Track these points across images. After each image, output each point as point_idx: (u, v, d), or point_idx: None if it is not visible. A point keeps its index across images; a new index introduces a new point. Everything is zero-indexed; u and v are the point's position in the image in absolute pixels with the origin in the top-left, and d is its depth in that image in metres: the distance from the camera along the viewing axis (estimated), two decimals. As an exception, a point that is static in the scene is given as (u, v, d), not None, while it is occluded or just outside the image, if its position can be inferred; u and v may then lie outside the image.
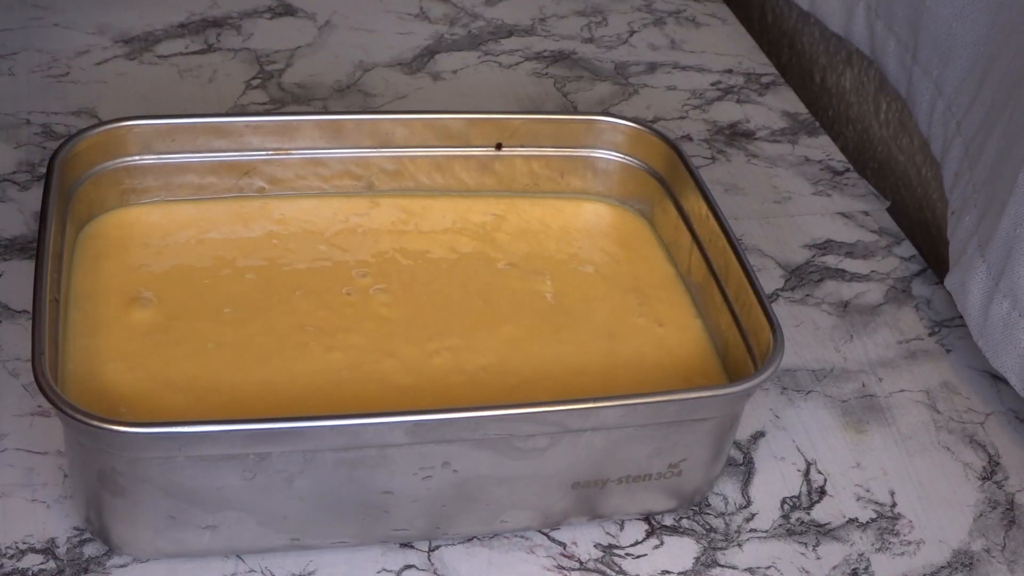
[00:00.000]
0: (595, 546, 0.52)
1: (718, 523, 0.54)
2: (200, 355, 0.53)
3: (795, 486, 0.56)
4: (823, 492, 0.56)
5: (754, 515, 0.54)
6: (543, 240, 0.61)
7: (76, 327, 0.53)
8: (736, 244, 0.56)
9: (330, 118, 0.60)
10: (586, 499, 0.51)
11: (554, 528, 0.53)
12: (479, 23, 0.84)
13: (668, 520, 0.54)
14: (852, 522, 0.55)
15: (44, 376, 0.45)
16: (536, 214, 0.62)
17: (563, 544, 0.52)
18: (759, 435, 0.58)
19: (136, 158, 0.58)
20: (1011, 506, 0.56)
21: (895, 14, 0.72)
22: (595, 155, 0.63)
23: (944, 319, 0.65)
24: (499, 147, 0.62)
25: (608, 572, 0.51)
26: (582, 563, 0.52)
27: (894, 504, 0.56)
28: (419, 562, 0.51)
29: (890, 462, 0.57)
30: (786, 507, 0.55)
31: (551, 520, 0.52)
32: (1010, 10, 0.62)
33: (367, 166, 0.61)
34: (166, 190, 0.59)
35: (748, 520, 0.54)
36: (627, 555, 0.52)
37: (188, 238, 0.58)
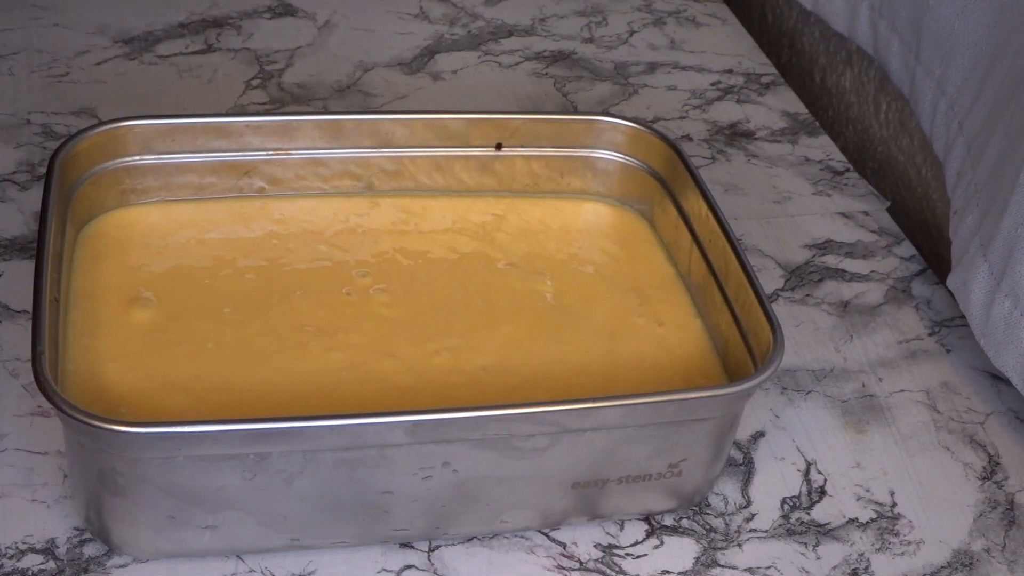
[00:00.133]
0: (595, 546, 0.52)
1: (718, 523, 0.54)
2: (200, 355, 0.53)
3: (795, 486, 0.56)
4: (823, 492, 0.56)
5: (754, 515, 0.54)
6: (543, 240, 0.61)
7: (76, 327, 0.53)
8: (736, 244, 0.56)
9: (330, 118, 0.60)
10: (586, 499, 0.51)
11: (554, 528, 0.53)
12: (479, 23, 0.84)
13: (668, 520, 0.54)
14: (852, 522, 0.55)
15: (44, 376, 0.45)
16: (536, 214, 0.62)
17: (563, 544, 0.52)
18: (759, 435, 0.58)
19: (136, 158, 0.58)
20: (1011, 506, 0.56)
21: (898, 14, 0.72)
22: (595, 155, 0.63)
23: (944, 319, 0.65)
24: (499, 147, 0.62)
25: (608, 572, 0.51)
26: (582, 563, 0.51)
27: (894, 504, 0.56)
28: (419, 562, 0.51)
29: (890, 462, 0.57)
30: (786, 507, 0.55)
31: (551, 520, 0.52)
32: (1012, 10, 0.62)
33: (367, 166, 0.61)
34: (166, 190, 0.59)
35: (748, 520, 0.54)
36: (627, 555, 0.52)
37: (188, 238, 0.58)
